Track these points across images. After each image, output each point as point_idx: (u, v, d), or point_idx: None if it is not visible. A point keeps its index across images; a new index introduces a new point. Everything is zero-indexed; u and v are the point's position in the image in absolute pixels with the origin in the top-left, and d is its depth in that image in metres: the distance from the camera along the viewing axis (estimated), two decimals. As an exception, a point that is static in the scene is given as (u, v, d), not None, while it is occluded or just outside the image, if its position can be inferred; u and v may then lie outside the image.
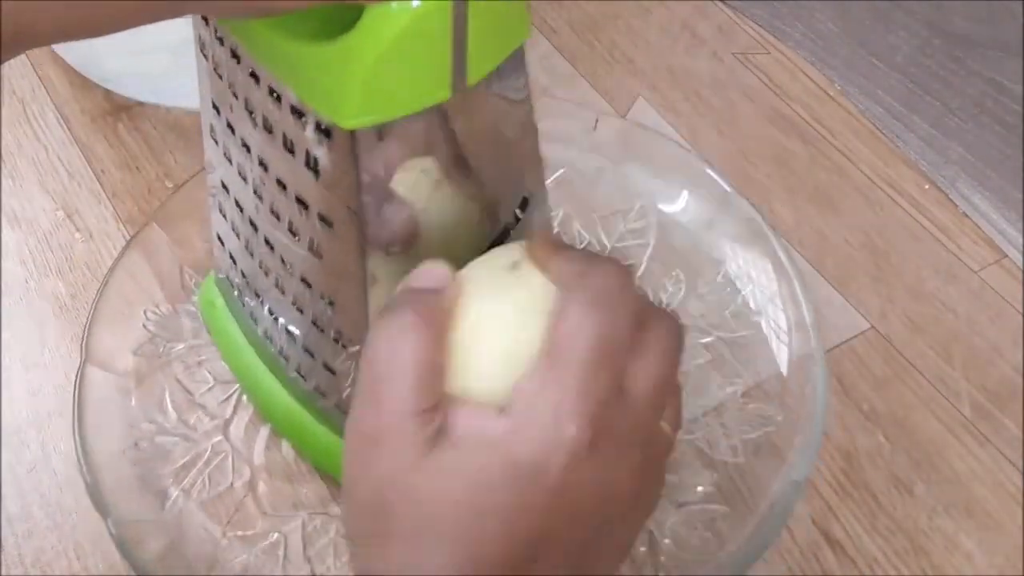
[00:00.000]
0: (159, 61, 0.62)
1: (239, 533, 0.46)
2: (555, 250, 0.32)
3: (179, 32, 0.39)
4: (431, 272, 0.33)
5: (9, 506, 0.48)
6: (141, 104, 0.62)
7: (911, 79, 0.65)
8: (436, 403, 0.30)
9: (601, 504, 0.30)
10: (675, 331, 0.32)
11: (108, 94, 0.63)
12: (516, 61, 0.36)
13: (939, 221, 0.58)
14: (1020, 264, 0.56)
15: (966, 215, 0.58)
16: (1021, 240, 0.57)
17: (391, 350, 0.30)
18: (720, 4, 0.69)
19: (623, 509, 0.31)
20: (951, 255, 0.57)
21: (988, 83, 0.64)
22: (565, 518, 0.29)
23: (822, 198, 0.59)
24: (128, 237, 0.57)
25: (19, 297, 0.56)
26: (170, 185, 0.59)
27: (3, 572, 0.47)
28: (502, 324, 0.31)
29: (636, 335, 0.30)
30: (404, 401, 0.29)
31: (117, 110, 0.63)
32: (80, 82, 0.64)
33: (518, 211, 0.41)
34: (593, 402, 0.28)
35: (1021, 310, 0.54)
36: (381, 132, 0.34)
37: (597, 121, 0.55)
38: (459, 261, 0.34)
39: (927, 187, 0.59)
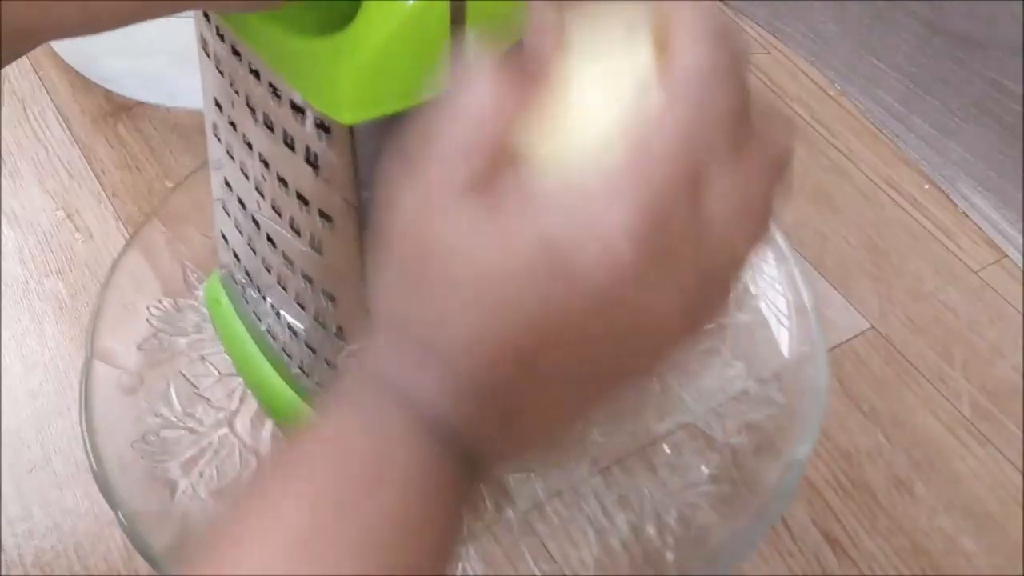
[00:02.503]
0: (159, 61, 0.62)
1: (249, 523, 0.46)
2: (692, 33, 0.27)
3: (179, 33, 0.39)
4: (538, 28, 0.29)
5: (9, 506, 0.48)
6: (141, 104, 0.62)
7: (911, 79, 0.65)
8: (500, 159, 0.27)
9: (631, 324, 0.28)
10: (780, 149, 0.29)
11: (108, 94, 0.63)
12: None
13: (939, 221, 0.58)
14: (1020, 264, 0.56)
15: (966, 215, 0.58)
16: (1021, 240, 0.57)
17: (467, 91, 0.28)
18: (720, 4, 0.69)
19: (655, 334, 0.29)
20: (951, 255, 0.57)
21: (988, 83, 0.64)
22: (589, 324, 0.27)
23: (822, 198, 0.59)
24: (128, 237, 0.57)
25: (19, 297, 0.56)
26: (170, 185, 0.59)
27: (3, 572, 0.47)
28: (594, 99, 0.28)
29: (737, 143, 0.27)
30: (465, 146, 0.27)
31: (117, 110, 0.63)
32: (80, 82, 0.64)
33: None
34: (659, 224, 0.26)
35: (1021, 310, 0.54)
36: (379, 126, 0.34)
37: None
38: None
39: (927, 187, 0.59)
